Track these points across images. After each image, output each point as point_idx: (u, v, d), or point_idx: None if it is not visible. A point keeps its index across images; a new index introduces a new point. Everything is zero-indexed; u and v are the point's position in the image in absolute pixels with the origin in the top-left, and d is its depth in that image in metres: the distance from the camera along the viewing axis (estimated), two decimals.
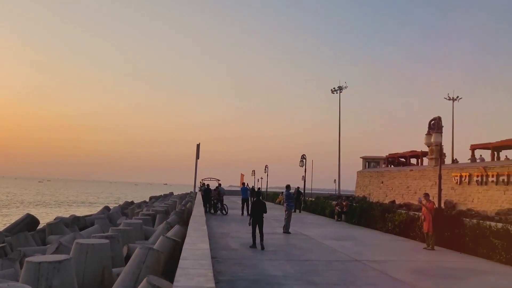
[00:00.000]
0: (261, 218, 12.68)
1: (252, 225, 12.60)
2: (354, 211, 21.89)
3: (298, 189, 31.42)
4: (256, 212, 12.63)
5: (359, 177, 59.06)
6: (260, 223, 12.60)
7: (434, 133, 15.10)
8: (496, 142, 40.11)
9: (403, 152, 53.56)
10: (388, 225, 17.39)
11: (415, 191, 43.82)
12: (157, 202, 44.35)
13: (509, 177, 33.27)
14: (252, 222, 12.62)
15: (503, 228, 11.50)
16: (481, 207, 34.57)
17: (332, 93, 65.51)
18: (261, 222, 12.64)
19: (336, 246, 13.27)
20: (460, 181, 38.38)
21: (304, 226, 19.67)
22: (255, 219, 12.60)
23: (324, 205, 27.92)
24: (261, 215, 12.69)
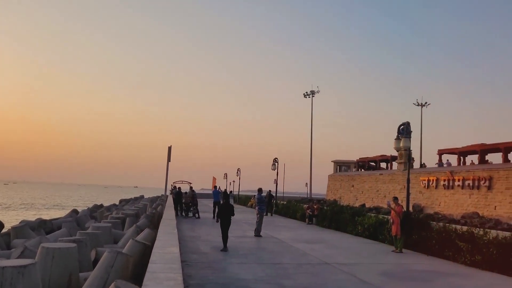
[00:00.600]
0: (229, 221, 12.84)
1: (221, 227, 12.71)
2: (325, 215, 22.10)
3: (269, 193, 31.50)
4: (223, 214, 12.78)
5: (330, 180, 59.71)
6: (227, 226, 12.76)
7: (403, 138, 15.39)
8: (462, 148, 41.27)
9: (373, 156, 54.49)
10: (358, 228, 17.62)
11: (384, 195, 44.60)
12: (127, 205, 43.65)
13: (474, 182, 34.26)
14: (221, 225, 12.74)
15: (467, 231, 11.81)
16: (448, 211, 35.47)
17: (304, 98, 66.11)
18: (228, 225, 12.81)
19: (307, 249, 13.36)
20: (427, 185, 39.29)
21: (275, 229, 19.73)
22: (223, 221, 12.73)
23: (296, 209, 28.09)
24: (229, 217, 12.85)
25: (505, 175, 31.84)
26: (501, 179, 32.08)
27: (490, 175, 32.98)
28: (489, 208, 32.27)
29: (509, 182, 31.34)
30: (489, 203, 32.49)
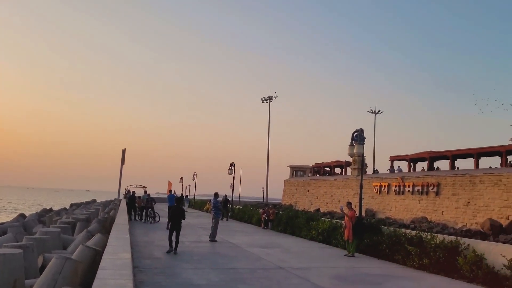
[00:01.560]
0: (179, 224, 13.07)
1: (170, 230, 12.98)
2: (280, 219, 22.25)
3: (225, 197, 31.42)
4: (174, 218, 12.99)
5: (286, 185, 60.27)
6: (178, 229, 12.98)
7: (357, 144, 15.75)
8: (412, 154, 42.75)
9: (328, 162, 55.50)
10: (312, 233, 17.85)
11: (338, 200, 45.46)
12: (78, 209, 42.26)
13: (423, 187, 35.53)
14: (170, 228, 12.99)
15: (416, 235, 12.21)
16: (398, 215, 36.59)
17: (262, 103, 66.49)
18: (179, 228, 13.03)
19: (262, 254, 13.39)
20: (380, 190, 40.39)
21: (230, 234, 19.67)
22: (173, 224, 12.96)
23: (252, 213, 28.13)
24: (180, 221, 13.07)
25: (451, 182, 33.21)
26: (448, 185, 33.44)
27: (438, 181, 34.31)
28: (437, 213, 33.55)
29: (455, 188, 32.72)
30: (437, 208, 33.78)
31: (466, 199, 31.57)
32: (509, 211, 28.18)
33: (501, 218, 27.83)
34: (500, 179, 29.58)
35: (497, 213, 28.76)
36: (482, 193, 30.52)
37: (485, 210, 29.84)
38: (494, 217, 28.20)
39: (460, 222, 31.16)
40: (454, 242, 10.97)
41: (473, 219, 30.35)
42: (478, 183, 31.13)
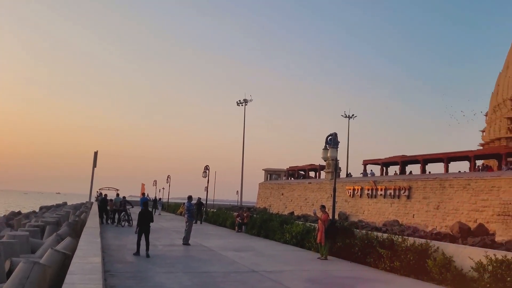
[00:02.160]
0: (148, 227, 13.09)
1: (139, 233, 12.94)
2: (254, 222, 22.25)
3: (199, 200, 31.25)
4: (143, 221, 13.00)
5: (261, 188, 60.34)
6: (147, 232, 13.00)
7: (331, 148, 15.90)
8: (385, 158, 43.42)
9: (302, 165, 55.82)
10: (286, 236, 17.90)
11: (312, 203, 45.76)
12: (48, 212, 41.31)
13: (395, 191, 36.11)
14: (139, 231, 12.95)
15: (388, 238, 12.39)
16: (371, 219, 37.08)
17: (237, 106, 66.51)
18: (148, 231, 13.04)
19: (235, 257, 13.36)
20: (353, 194, 40.85)
21: (204, 237, 19.56)
22: (142, 228, 12.95)
23: (226, 216, 28.05)
24: (148, 224, 13.10)
25: (422, 185, 33.87)
26: (419, 189, 34.09)
27: (409, 185, 34.93)
28: (408, 216, 34.14)
29: (426, 192, 33.38)
30: (408, 212, 34.38)
31: (436, 202, 32.23)
32: (477, 214, 28.90)
33: (469, 221, 28.51)
34: (469, 183, 30.33)
35: (465, 217, 29.45)
36: (452, 196, 31.22)
37: (454, 213, 30.52)
38: (463, 220, 28.87)
39: (430, 225, 31.78)
40: (424, 245, 11.18)
41: (443, 222, 31.00)
42: (448, 187, 31.83)
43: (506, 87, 48.84)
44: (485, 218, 28.11)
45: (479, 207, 29.04)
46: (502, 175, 29.03)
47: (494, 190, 28.41)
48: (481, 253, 9.53)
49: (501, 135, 47.10)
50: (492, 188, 28.62)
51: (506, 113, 46.78)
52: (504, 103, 47.90)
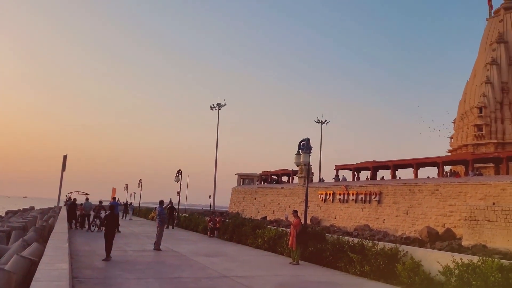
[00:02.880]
0: (113, 231, 13.20)
1: (105, 237, 12.97)
2: (226, 227, 22.16)
3: (171, 205, 30.94)
4: (108, 225, 13.13)
5: (234, 193, 60.23)
6: (112, 236, 13.05)
7: (303, 153, 16.00)
8: (357, 164, 44.02)
9: (276, 170, 56.01)
10: (258, 241, 17.90)
11: (285, 208, 45.95)
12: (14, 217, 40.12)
13: (366, 196, 36.64)
14: (105, 235, 13.01)
15: (358, 243, 12.54)
16: (342, 223, 37.48)
17: (211, 110, 66.27)
18: (113, 235, 13.11)
19: (207, 262, 13.26)
20: (325, 199, 41.23)
21: (176, 242, 19.36)
22: (107, 231, 13.01)
23: (198, 221, 27.86)
24: (113, 228, 13.24)
25: (392, 190, 34.47)
26: (389, 194, 34.68)
27: (380, 190, 35.50)
28: (379, 221, 34.67)
29: (396, 197, 33.98)
30: (379, 216, 34.91)
31: (406, 207, 32.85)
32: (445, 219, 29.59)
33: (437, 226, 29.16)
34: (437, 189, 31.04)
35: (434, 221, 30.11)
36: (421, 201, 31.88)
37: (423, 218, 31.16)
38: (431, 225, 29.51)
39: (400, 230, 32.35)
40: (394, 249, 11.36)
41: (412, 226, 31.61)
42: (417, 192, 32.50)
43: (473, 96, 50.31)
44: (452, 223, 28.81)
45: (446, 212, 29.74)
46: (469, 181, 29.83)
47: (461, 196, 29.16)
48: (448, 257, 9.75)
49: (468, 142, 48.44)
50: (459, 194, 29.36)
51: (473, 121, 48.15)
52: (471, 111, 49.31)
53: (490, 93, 48.17)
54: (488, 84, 48.54)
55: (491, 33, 52.64)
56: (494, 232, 23.48)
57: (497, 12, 54.25)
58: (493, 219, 23.65)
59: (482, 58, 52.31)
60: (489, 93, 48.18)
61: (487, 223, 23.82)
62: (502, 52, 50.03)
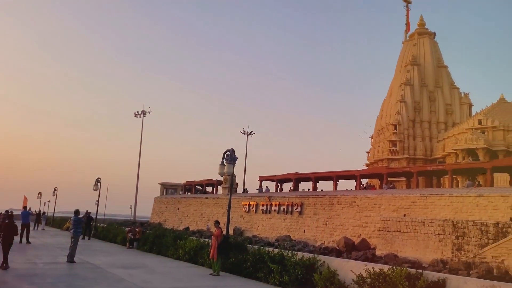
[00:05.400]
0: (11, 240, 13.32)
1: (3, 245, 13.01)
2: (146, 238, 21.58)
3: (88, 214, 29.61)
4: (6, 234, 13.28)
5: (156, 203, 58.87)
6: (11, 244, 13.23)
7: (227, 164, 16.03)
8: (280, 175, 44.91)
9: (200, 180, 55.58)
10: (179, 252, 17.60)
11: (208, 218, 45.65)
12: None
13: (288, 207, 37.44)
14: (2, 243, 13.06)
15: (278, 253, 12.74)
16: (265, 234, 37.95)
17: (135, 117, 64.62)
18: (10, 244, 13.25)
19: (124, 274, 12.79)
20: (248, 209, 41.54)
21: (92, 254, 18.50)
22: (5, 240, 13.07)
23: (117, 232, 26.88)
24: (12, 237, 13.42)
25: (313, 202, 35.55)
26: (310, 205, 35.72)
27: (301, 201, 36.46)
28: (299, 231, 35.54)
29: (316, 208, 35.06)
30: (300, 227, 35.79)
31: (325, 218, 34.00)
32: (361, 229, 30.98)
33: (354, 236, 30.45)
34: (354, 201, 32.48)
35: (351, 232, 31.41)
36: (339, 213, 33.16)
37: (341, 228, 32.41)
38: (349, 235, 30.76)
39: (319, 240, 33.36)
40: (312, 259, 11.67)
41: (331, 237, 32.74)
42: (336, 203, 33.77)
43: (389, 113, 53.52)
44: (367, 233, 30.22)
45: (362, 223, 31.17)
46: (383, 193, 31.54)
47: (376, 207, 30.73)
48: (362, 266, 10.19)
49: (384, 157, 51.34)
50: (374, 206, 30.93)
51: (388, 137, 51.16)
52: (387, 127, 52.38)
53: (404, 112, 51.52)
54: (402, 103, 51.89)
55: (406, 56, 56.50)
56: (404, 242, 24.96)
57: (412, 36, 58.40)
58: (404, 230, 25.15)
59: (398, 79, 55.93)
60: (403, 111, 51.52)
61: (398, 233, 25.28)
62: (415, 74, 53.83)
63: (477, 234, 22.11)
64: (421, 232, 24.31)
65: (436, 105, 52.94)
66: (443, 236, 23.35)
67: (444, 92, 53.68)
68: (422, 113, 52.46)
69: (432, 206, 27.68)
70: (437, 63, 55.53)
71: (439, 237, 23.50)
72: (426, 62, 54.83)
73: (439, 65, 55.50)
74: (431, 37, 57.16)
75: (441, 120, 52.26)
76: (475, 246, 21.93)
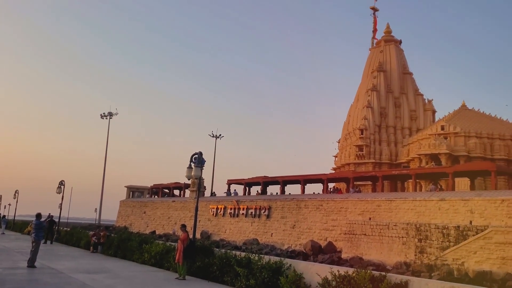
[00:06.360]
0: None
1: None
2: (111, 242, 21.16)
3: (51, 218, 28.83)
4: None
5: (122, 206, 57.87)
6: None
7: (195, 167, 15.92)
8: (248, 179, 44.93)
9: (167, 183, 54.97)
10: (145, 256, 17.34)
11: (175, 222, 45.19)
12: None
13: (256, 211, 37.49)
14: None
15: (245, 257, 12.73)
16: (232, 238, 37.86)
17: (101, 119, 63.42)
18: None
19: (87, 279, 12.49)
20: (216, 213, 41.37)
21: (54, 258, 18.00)
22: None
23: (80, 236, 26.26)
24: None
25: (281, 205, 35.72)
26: (278, 208, 35.87)
27: (269, 205, 36.57)
28: (267, 235, 35.63)
29: (284, 212, 35.25)
30: (267, 231, 35.88)
31: (293, 222, 34.21)
32: (327, 233, 31.33)
33: (321, 240, 30.76)
34: (321, 204, 32.83)
35: (317, 235, 31.72)
36: (306, 216, 33.44)
37: (308, 232, 32.68)
38: (315, 238, 31.05)
39: (286, 243, 33.54)
40: (278, 262, 11.71)
41: (298, 240, 32.96)
42: (303, 207, 34.04)
43: (356, 118, 54.42)
44: (334, 237, 30.59)
45: (329, 226, 31.53)
46: (349, 197, 32.02)
47: (342, 211, 31.16)
48: (327, 269, 10.29)
49: (350, 161, 52.14)
50: (341, 209, 31.35)
51: (355, 141, 52.00)
52: (354, 132, 53.24)
53: (370, 117, 52.51)
54: (369, 108, 52.89)
55: (373, 62, 57.66)
56: (369, 245, 25.40)
57: (379, 43, 59.67)
58: (369, 233, 25.60)
59: (365, 84, 57.00)
60: (370, 116, 52.51)
61: (363, 236, 25.70)
62: (381, 80, 54.99)
63: (439, 237, 22.73)
64: (386, 235, 24.80)
65: (401, 111, 54.21)
66: (406, 239, 23.89)
67: (409, 98, 55.03)
68: (388, 118, 53.60)
69: (397, 209, 28.28)
70: (403, 70, 56.91)
71: (403, 240, 24.02)
72: (392, 69, 56.11)
73: (404, 72, 56.88)
74: (397, 44, 58.55)
75: (406, 126, 53.52)
76: (437, 249, 22.54)
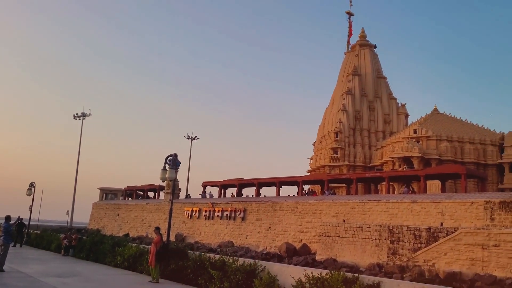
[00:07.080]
0: None
1: None
2: (83, 245, 20.79)
3: (20, 220, 28.12)
4: None
5: (95, 209, 56.90)
6: None
7: (169, 169, 15.81)
8: (223, 181, 44.80)
9: (141, 185, 54.30)
10: (118, 259, 17.08)
11: (149, 224, 44.66)
12: None
13: (231, 213, 37.40)
14: None
15: (220, 259, 12.68)
16: (207, 240, 37.67)
17: (74, 119, 62.22)
18: None
19: (58, 284, 12.23)
20: (191, 215, 41.08)
21: (23, 262, 17.57)
22: None
23: (51, 239, 25.72)
24: None
25: (256, 208, 35.74)
26: (253, 211, 35.87)
27: (245, 207, 36.53)
28: (242, 237, 35.57)
29: (259, 214, 35.27)
30: (242, 233, 35.83)
31: (268, 224, 34.26)
32: (302, 235, 31.48)
33: (295, 242, 30.89)
34: (296, 206, 32.99)
35: (292, 237, 31.84)
36: (282, 218, 33.53)
37: (283, 234, 32.77)
38: (290, 240, 31.16)
39: (261, 246, 33.55)
40: (253, 265, 11.72)
41: (273, 242, 33.02)
42: (278, 209, 34.13)
43: (331, 121, 54.97)
44: (308, 239, 30.77)
45: (304, 228, 31.70)
46: (324, 199, 32.27)
47: (317, 213, 31.37)
48: (301, 271, 10.35)
49: (325, 163, 52.58)
50: (316, 211, 31.56)
51: (330, 144, 52.49)
52: (329, 135, 53.75)
53: (345, 120, 53.12)
54: (344, 111, 53.50)
55: (348, 66, 58.39)
56: (343, 247, 25.65)
57: (354, 47, 60.45)
58: (343, 235, 25.85)
59: (340, 88, 57.65)
60: (345, 119, 53.11)
61: (338, 238, 25.94)
62: (356, 84, 55.71)
63: (411, 239, 23.13)
64: (359, 237, 25.10)
65: (375, 115, 55.03)
66: (379, 240, 24.23)
67: (383, 102, 55.92)
68: (362, 121, 54.33)
69: (370, 211, 28.64)
70: (377, 74, 57.80)
71: (376, 241, 24.35)
72: (367, 72, 56.92)
73: (378, 76, 57.78)
74: (371, 48, 59.43)
75: (379, 129, 54.34)
76: (409, 250, 22.93)
